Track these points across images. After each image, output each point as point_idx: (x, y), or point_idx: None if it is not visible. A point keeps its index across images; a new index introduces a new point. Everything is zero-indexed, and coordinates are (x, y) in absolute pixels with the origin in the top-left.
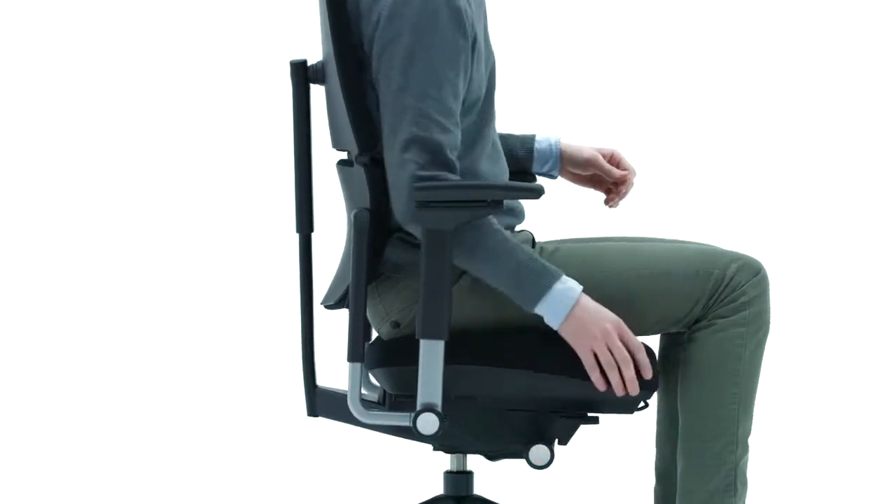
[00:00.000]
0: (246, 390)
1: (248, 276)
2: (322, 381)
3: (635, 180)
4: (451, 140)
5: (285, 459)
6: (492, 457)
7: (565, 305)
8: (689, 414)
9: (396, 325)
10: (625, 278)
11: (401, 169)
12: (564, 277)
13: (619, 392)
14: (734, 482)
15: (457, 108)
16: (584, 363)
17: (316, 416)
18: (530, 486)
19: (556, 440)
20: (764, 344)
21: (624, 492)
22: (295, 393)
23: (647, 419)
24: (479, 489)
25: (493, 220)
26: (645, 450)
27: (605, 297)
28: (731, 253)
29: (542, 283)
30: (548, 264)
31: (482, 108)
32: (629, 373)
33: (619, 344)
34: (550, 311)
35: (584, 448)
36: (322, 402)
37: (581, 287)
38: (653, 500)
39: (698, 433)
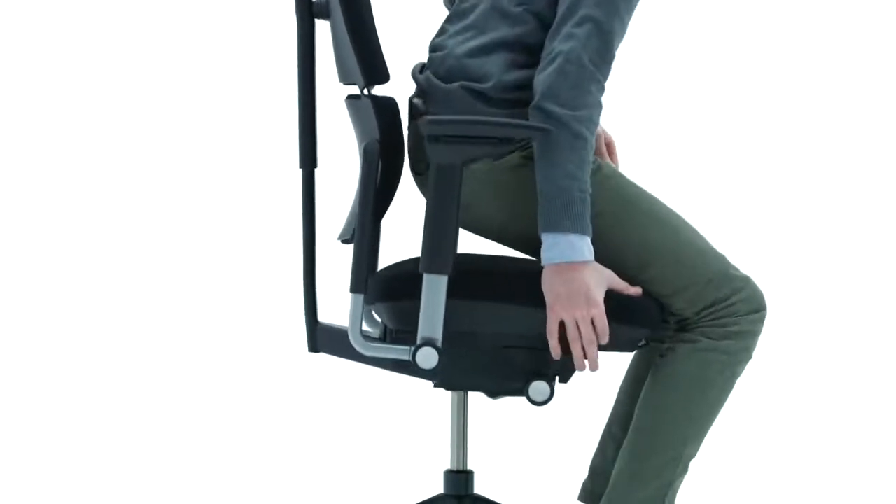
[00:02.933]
0: (248, 326)
1: (252, 211)
2: (323, 318)
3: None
4: (620, 37)
5: (289, 399)
6: (493, 394)
7: (565, 255)
8: (643, 420)
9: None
10: (649, 246)
11: (565, 42)
12: (587, 238)
13: (577, 368)
14: (663, 498)
15: (631, 16)
16: (547, 324)
17: (317, 351)
18: (530, 487)
19: (557, 378)
20: (737, 378)
21: None
22: (296, 329)
23: None
24: (479, 489)
25: (591, 142)
26: None
27: (619, 247)
28: (746, 279)
29: (567, 222)
30: (587, 217)
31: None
32: (592, 352)
33: (589, 325)
34: (551, 248)
35: (583, 440)
36: (323, 338)
37: (591, 258)
38: (579, 490)
39: (646, 440)
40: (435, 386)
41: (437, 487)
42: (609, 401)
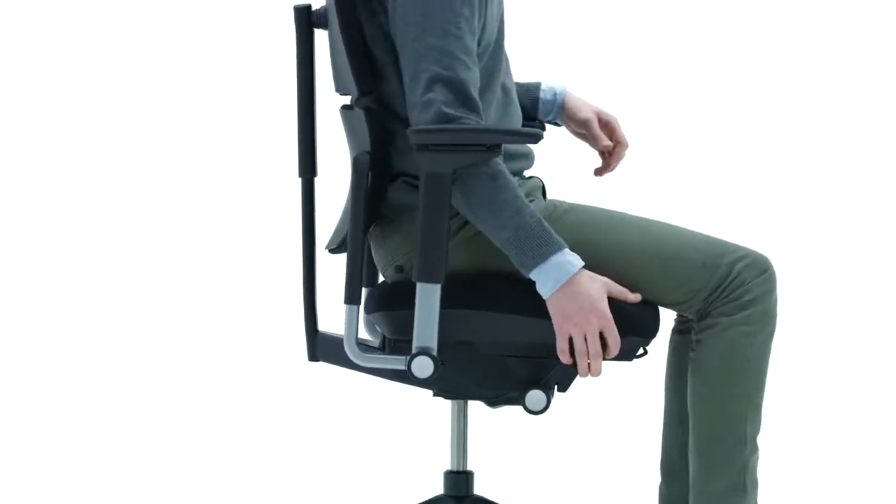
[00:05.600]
0: (248, 335)
1: (251, 220)
2: (324, 326)
3: (637, 158)
4: (474, 78)
5: (290, 403)
6: (492, 403)
7: (560, 278)
8: (698, 414)
9: (400, 269)
10: (630, 252)
11: (425, 110)
12: (566, 250)
13: (581, 375)
14: (744, 481)
15: (474, 47)
16: (557, 342)
17: (317, 360)
18: (530, 487)
19: (556, 387)
20: (770, 342)
21: (625, 490)
22: (297, 338)
23: (648, 404)
24: (479, 489)
25: (507, 172)
26: (646, 444)
27: (605, 267)
28: (741, 248)
29: (542, 250)
30: (553, 232)
31: (492, 53)
32: (596, 364)
33: (597, 338)
34: (545, 280)
35: (583, 441)
36: (323, 347)
37: (582, 263)
38: (657, 499)
39: (707, 433)
40: (434, 395)
41: (438, 488)
42: (608, 402)
